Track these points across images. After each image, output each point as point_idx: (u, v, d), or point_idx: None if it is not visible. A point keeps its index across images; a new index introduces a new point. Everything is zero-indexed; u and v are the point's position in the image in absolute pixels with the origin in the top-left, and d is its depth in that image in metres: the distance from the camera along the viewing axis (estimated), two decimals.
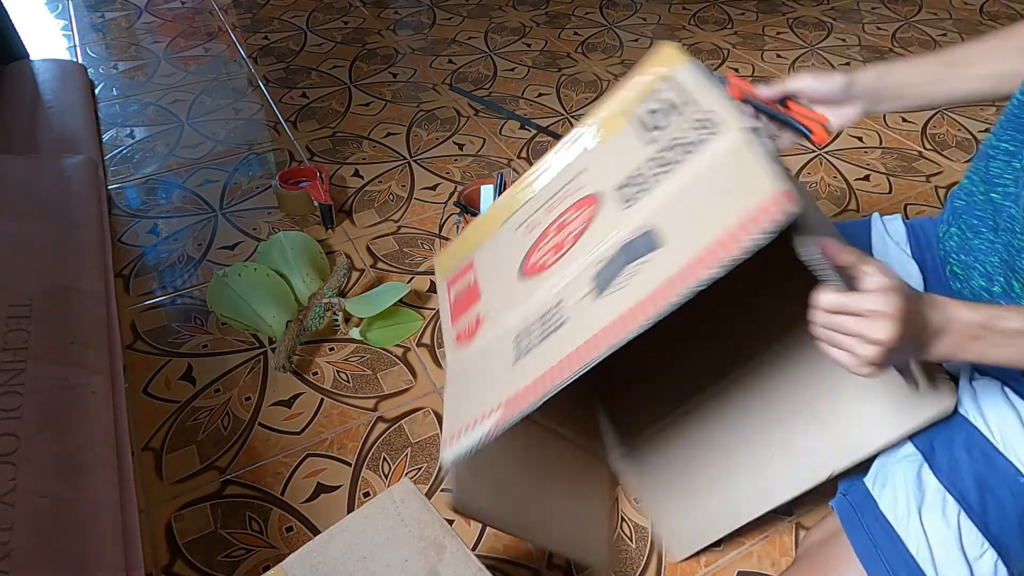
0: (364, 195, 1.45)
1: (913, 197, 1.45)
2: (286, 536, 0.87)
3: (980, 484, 0.63)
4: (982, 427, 0.65)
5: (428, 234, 1.35)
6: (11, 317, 0.99)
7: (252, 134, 1.65)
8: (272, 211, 1.40)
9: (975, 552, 0.61)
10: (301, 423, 1.01)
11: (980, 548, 0.61)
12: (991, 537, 0.61)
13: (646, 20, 2.20)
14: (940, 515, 0.62)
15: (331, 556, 0.55)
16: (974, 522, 0.61)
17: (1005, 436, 0.64)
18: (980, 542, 0.61)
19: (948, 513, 0.62)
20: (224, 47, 2.03)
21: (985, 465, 0.64)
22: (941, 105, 0.76)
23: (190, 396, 1.04)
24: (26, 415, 0.87)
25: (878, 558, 0.63)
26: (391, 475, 0.94)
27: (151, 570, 0.84)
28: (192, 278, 1.25)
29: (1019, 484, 0.62)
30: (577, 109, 1.74)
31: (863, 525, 0.66)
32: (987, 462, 0.64)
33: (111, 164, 1.53)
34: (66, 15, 2.21)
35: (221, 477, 0.94)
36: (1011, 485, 0.62)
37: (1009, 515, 0.62)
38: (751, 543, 0.88)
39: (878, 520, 0.65)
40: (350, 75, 1.88)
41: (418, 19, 2.22)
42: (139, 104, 1.74)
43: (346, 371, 1.08)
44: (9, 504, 0.76)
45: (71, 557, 0.75)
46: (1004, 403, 0.65)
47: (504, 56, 1.98)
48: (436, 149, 1.59)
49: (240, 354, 1.11)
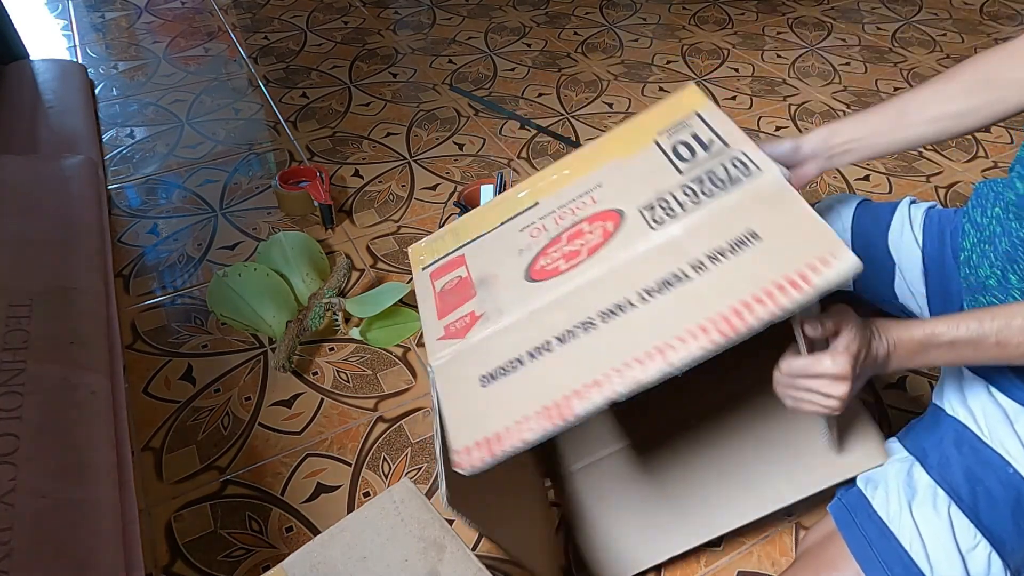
0: (364, 195, 1.45)
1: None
2: (286, 536, 0.87)
3: (970, 477, 0.64)
4: (970, 424, 0.67)
5: (428, 234, 1.35)
6: (11, 317, 0.99)
7: (252, 134, 1.65)
8: (272, 211, 1.40)
9: (968, 544, 0.62)
10: (301, 423, 1.01)
11: (973, 540, 0.62)
12: (984, 529, 0.62)
13: (646, 20, 2.21)
14: (931, 509, 0.64)
15: (331, 556, 0.55)
16: (966, 514, 0.63)
17: (992, 430, 0.65)
18: (973, 534, 0.62)
19: (939, 506, 0.63)
20: (224, 47, 2.03)
21: (974, 459, 0.65)
22: (895, 152, 0.81)
23: (190, 396, 1.04)
24: (26, 415, 0.87)
25: (873, 555, 0.64)
26: (391, 475, 0.94)
27: (151, 570, 0.84)
28: (192, 278, 1.25)
29: (1008, 475, 0.63)
30: (577, 109, 1.74)
31: (857, 524, 0.67)
32: (976, 456, 0.65)
33: (111, 164, 1.53)
34: (66, 15, 2.21)
35: (221, 477, 0.94)
36: (1000, 477, 0.63)
37: (1001, 507, 0.63)
38: (751, 543, 0.88)
39: (871, 518, 0.66)
40: (350, 75, 1.88)
41: (418, 19, 2.22)
42: (139, 104, 1.75)
43: (346, 371, 1.09)
44: (9, 504, 0.76)
45: (71, 557, 0.75)
46: (990, 401, 0.67)
47: (504, 56, 1.98)
48: (436, 149, 1.59)
49: (240, 354, 1.11)
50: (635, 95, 1.80)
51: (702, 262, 0.57)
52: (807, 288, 0.51)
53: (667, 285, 0.57)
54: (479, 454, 0.53)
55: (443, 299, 0.68)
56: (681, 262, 0.58)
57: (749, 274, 0.54)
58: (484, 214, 0.75)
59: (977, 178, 1.51)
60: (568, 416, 0.53)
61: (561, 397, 0.54)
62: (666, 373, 0.53)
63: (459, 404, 0.58)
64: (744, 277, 0.54)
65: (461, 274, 0.69)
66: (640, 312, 0.56)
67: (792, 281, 0.52)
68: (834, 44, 2.06)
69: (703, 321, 0.53)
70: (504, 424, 0.54)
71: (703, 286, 0.55)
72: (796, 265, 0.53)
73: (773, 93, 1.81)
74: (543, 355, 0.57)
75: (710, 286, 0.55)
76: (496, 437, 0.53)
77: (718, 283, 0.55)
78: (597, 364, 0.54)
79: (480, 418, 0.55)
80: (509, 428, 0.54)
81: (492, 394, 0.57)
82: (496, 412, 0.55)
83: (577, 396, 0.53)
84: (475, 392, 0.57)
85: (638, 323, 0.56)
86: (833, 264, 0.51)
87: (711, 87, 1.84)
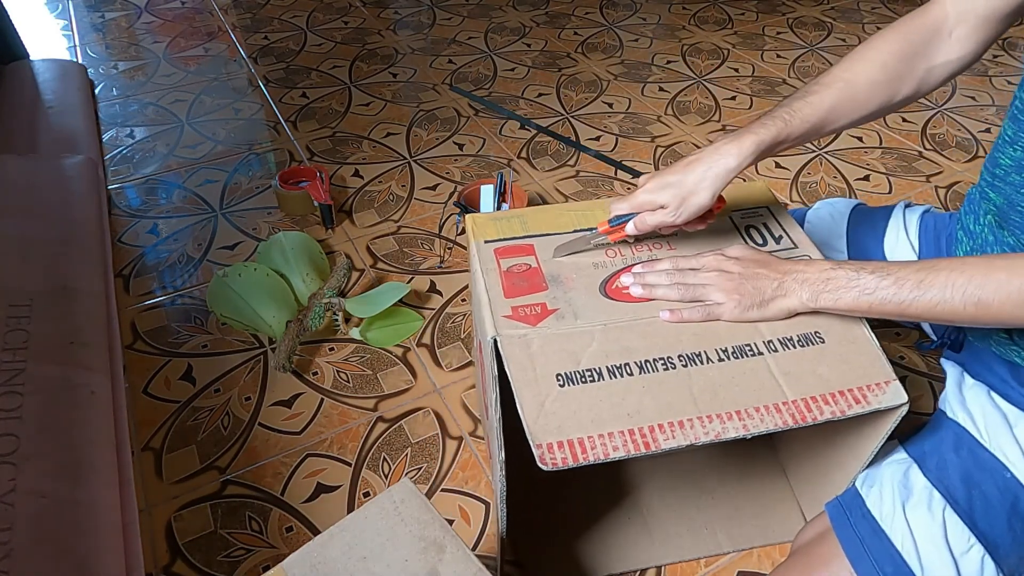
0: (364, 195, 1.45)
1: (913, 197, 1.45)
2: (286, 536, 0.87)
3: (967, 481, 0.64)
4: (970, 427, 0.67)
5: (428, 234, 1.35)
6: (11, 317, 1.00)
7: (252, 134, 1.65)
8: (272, 211, 1.40)
9: (961, 547, 0.62)
10: (301, 423, 1.01)
11: (967, 543, 0.62)
12: (978, 532, 0.62)
13: (646, 20, 2.21)
14: (926, 510, 0.63)
15: (331, 556, 0.55)
16: (960, 517, 0.62)
17: (991, 433, 0.65)
18: (966, 536, 0.62)
19: (934, 508, 0.63)
20: (224, 47, 2.03)
21: (972, 462, 0.65)
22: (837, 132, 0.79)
23: (190, 396, 1.04)
24: (26, 415, 0.87)
25: (864, 554, 0.64)
26: (391, 475, 0.94)
27: (151, 570, 0.84)
28: (192, 278, 1.25)
29: (1005, 479, 0.63)
30: (577, 109, 1.74)
31: (851, 523, 0.67)
32: (974, 459, 0.65)
33: (111, 164, 1.53)
34: (66, 15, 2.21)
35: (221, 477, 0.94)
36: (997, 481, 0.63)
37: (996, 510, 0.62)
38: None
39: (865, 517, 0.66)
40: (350, 75, 1.88)
41: (418, 19, 2.22)
42: (139, 104, 1.75)
43: (346, 371, 1.09)
44: (9, 504, 0.76)
45: (71, 557, 0.75)
46: (991, 406, 0.67)
47: (504, 56, 1.98)
48: (436, 149, 1.59)
49: (240, 354, 1.11)
50: (635, 95, 1.80)
51: (772, 343, 0.64)
52: (864, 404, 0.59)
53: (742, 353, 0.63)
54: (561, 455, 0.56)
55: (510, 279, 0.70)
56: (754, 337, 0.64)
57: (815, 373, 0.61)
58: (555, 215, 0.78)
59: (977, 178, 1.51)
60: (652, 448, 0.57)
61: (647, 427, 0.58)
62: (739, 436, 0.58)
63: (534, 396, 0.59)
64: (812, 373, 0.61)
65: (530, 263, 0.72)
66: (717, 369, 0.62)
67: (855, 396, 0.60)
68: (834, 44, 2.06)
69: (778, 402, 0.59)
70: (587, 433, 0.57)
71: (774, 367, 0.62)
72: (857, 381, 0.61)
73: (773, 93, 1.81)
74: (623, 376, 0.61)
75: (781, 371, 0.62)
76: (579, 443, 0.57)
77: (789, 370, 0.62)
78: (682, 406, 0.59)
79: (559, 419, 0.58)
80: (593, 439, 0.57)
81: (571, 397, 0.59)
82: (578, 418, 0.58)
83: (662, 431, 0.58)
84: (552, 389, 0.60)
85: (717, 379, 0.61)
86: (887, 392, 0.60)
87: (711, 87, 1.84)
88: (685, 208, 0.65)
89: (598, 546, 0.85)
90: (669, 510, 0.88)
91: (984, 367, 0.70)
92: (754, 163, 0.65)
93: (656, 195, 0.66)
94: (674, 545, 0.85)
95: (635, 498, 0.90)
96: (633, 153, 1.58)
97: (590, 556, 0.84)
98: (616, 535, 0.86)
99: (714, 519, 0.88)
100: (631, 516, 0.88)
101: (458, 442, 0.98)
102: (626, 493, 0.90)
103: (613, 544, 0.85)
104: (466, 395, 1.05)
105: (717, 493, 0.90)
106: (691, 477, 0.92)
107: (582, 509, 0.88)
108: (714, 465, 0.93)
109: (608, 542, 0.85)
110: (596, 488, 0.90)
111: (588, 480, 0.90)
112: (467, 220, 0.78)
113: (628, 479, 0.92)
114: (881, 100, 0.70)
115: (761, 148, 0.65)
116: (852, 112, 0.69)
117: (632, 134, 1.64)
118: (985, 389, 0.68)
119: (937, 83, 0.72)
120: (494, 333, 0.63)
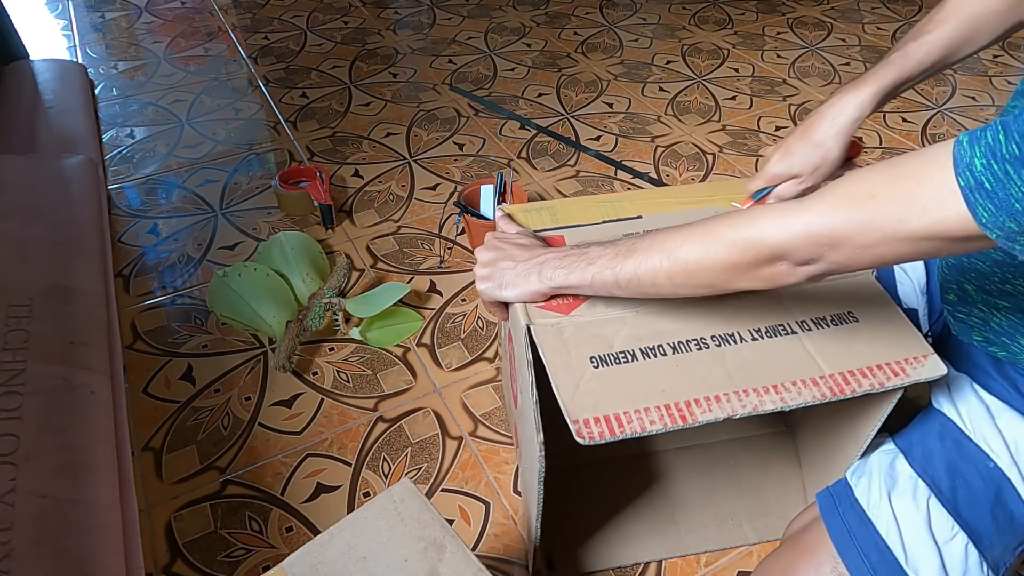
0: (364, 195, 1.45)
1: None
2: (286, 536, 0.87)
3: (951, 470, 0.65)
4: (954, 417, 0.68)
5: (428, 234, 1.35)
6: (11, 317, 1.00)
7: (252, 134, 1.65)
8: (272, 211, 1.40)
9: (945, 535, 0.62)
10: (301, 423, 1.01)
11: (950, 531, 0.62)
12: (962, 521, 0.63)
13: (646, 20, 2.21)
14: (910, 499, 0.64)
15: (331, 556, 0.55)
16: (944, 506, 0.63)
17: (975, 424, 0.66)
18: (950, 525, 0.63)
19: (918, 497, 0.64)
20: (224, 47, 2.03)
21: (957, 452, 0.66)
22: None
23: (190, 396, 1.04)
24: (26, 415, 0.87)
25: (851, 542, 0.65)
26: (391, 475, 0.94)
27: (151, 570, 0.84)
28: (192, 278, 1.25)
29: (988, 469, 0.64)
30: (577, 109, 1.74)
31: (839, 512, 0.68)
32: (958, 448, 0.66)
33: (111, 164, 1.53)
34: (66, 15, 2.21)
35: (221, 477, 0.94)
36: (981, 470, 0.64)
37: (980, 500, 0.63)
38: (751, 543, 0.88)
39: (852, 507, 0.68)
40: (350, 75, 1.88)
41: (418, 19, 2.22)
42: (139, 104, 1.75)
43: (346, 371, 1.09)
44: (9, 504, 0.76)
45: (71, 557, 0.75)
46: (974, 397, 0.68)
47: (504, 56, 1.98)
48: (436, 149, 1.59)
49: (240, 354, 1.11)
50: (635, 95, 1.80)
51: (805, 323, 0.64)
52: (903, 377, 0.60)
53: (775, 332, 0.64)
54: (598, 429, 0.57)
55: None
56: (786, 317, 0.65)
57: (852, 349, 0.62)
58: (583, 206, 0.80)
59: None
60: (689, 420, 0.57)
61: (683, 401, 0.58)
62: (778, 408, 0.58)
63: (569, 377, 0.60)
64: (848, 350, 0.62)
65: None
66: (752, 347, 0.62)
67: (893, 369, 0.60)
68: (834, 44, 2.06)
69: (815, 376, 0.60)
70: (623, 408, 0.58)
71: (809, 345, 0.62)
72: (895, 356, 0.61)
73: (773, 93, 1.81)
74: (657, 357, 0.62)
75: (817, 348, 0.62)
76: (616, 418, 0.57)
77: (824, 348, 0.62)
78: (717, 382, 0.60)
79: (595, 397, 0.59)
80: (629, 414, 0.57)
81: (605, 377, 0.60)
82: (613, 396, 0.59)
83: (698, 405, 0.58)
84: (586, 370, 0.61)
85: (752, 357, 0.62)
86: (927, 364, 0.61)
87: (711, 87, 1.84)
88: (819, 172, 0.67)
89: (625, 534, 0.86)
90: (695, 501, 0.89)
91: (968, 360, 0.71)
92: (877, 109, 0.67)
93: (787, 165, 0.68)
94: (700, 536, 0.86)
95: (662, 487, 0.91)
96: (633, 153, 1.58)
97: (615, 545, 0.85)
98: (642, 524, 0.87)
99: (739, 511, 0.88)
100: (657, 506, 0.89)
101: (458, 442, 0.98)
102: (650, 484, 0.91)
103: (640, 532, 0.86)
104: (466, 395, 1.05)
105: (743, 484, 0.91)
106: (715, 469, 0.92)
107: (606, 503, 0.89)
108: (738, 457, 0.94)
109: (635, 530, 0.86)
110: (620, 481, 0.91)
111: (612, 472, 0.91)
112: (499, 209, 0.80)
113: (653, 470, 0.92)
114: (1004, 27, 0.69)
115: (880, 95, 0.66)
116: (972, 46, 0.70)
117: (632, 134, 1.64)
118: (969, 381, 0.69)
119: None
120: (527, 321, 0.64)
